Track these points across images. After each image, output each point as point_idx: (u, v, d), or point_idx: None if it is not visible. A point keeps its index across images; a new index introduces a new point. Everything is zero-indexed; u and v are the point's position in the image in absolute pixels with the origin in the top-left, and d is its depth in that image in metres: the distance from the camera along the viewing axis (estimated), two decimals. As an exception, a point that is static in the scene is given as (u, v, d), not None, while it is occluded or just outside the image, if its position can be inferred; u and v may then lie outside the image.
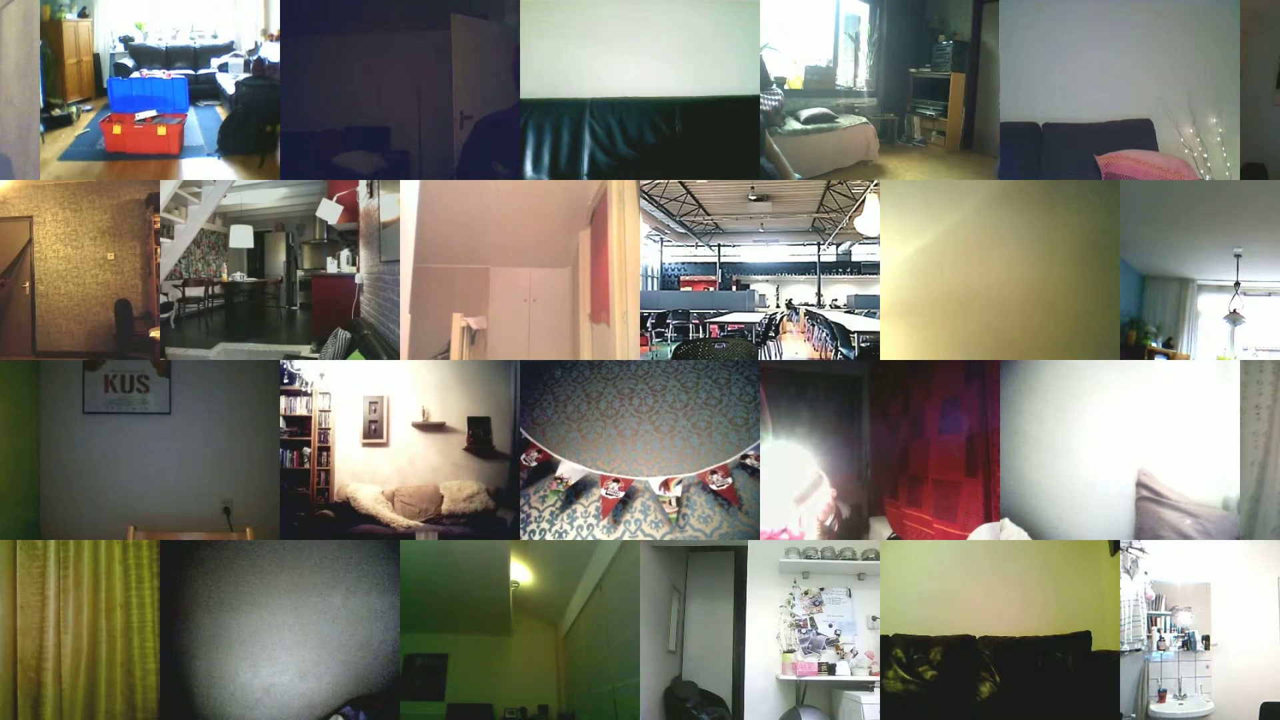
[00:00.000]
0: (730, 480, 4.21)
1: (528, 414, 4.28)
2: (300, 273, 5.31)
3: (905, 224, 4.24)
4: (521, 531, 4.18)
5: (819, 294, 5.74)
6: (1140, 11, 4.31)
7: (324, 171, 4.31)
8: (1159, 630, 4.10)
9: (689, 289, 5.91)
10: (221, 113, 4.60)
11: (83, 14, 4.70)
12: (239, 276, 5.30)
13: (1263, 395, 4.07)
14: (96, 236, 4.40)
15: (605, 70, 4.26)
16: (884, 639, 4.09)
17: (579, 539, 4.19)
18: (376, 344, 4.58)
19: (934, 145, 4.72)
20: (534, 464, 4.23)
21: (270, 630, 4.16)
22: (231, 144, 4.45)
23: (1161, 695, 4.07)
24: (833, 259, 5.75)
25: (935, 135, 4.73)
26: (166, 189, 4.44)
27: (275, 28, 4.46)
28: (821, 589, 4.26)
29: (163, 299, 4.48)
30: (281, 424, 4.47)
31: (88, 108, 4.65)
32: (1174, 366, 4.17)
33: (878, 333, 4.23)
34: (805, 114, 4.53)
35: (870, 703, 4.05)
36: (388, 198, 4.54)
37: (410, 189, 4.33)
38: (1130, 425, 4.08)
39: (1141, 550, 4.09)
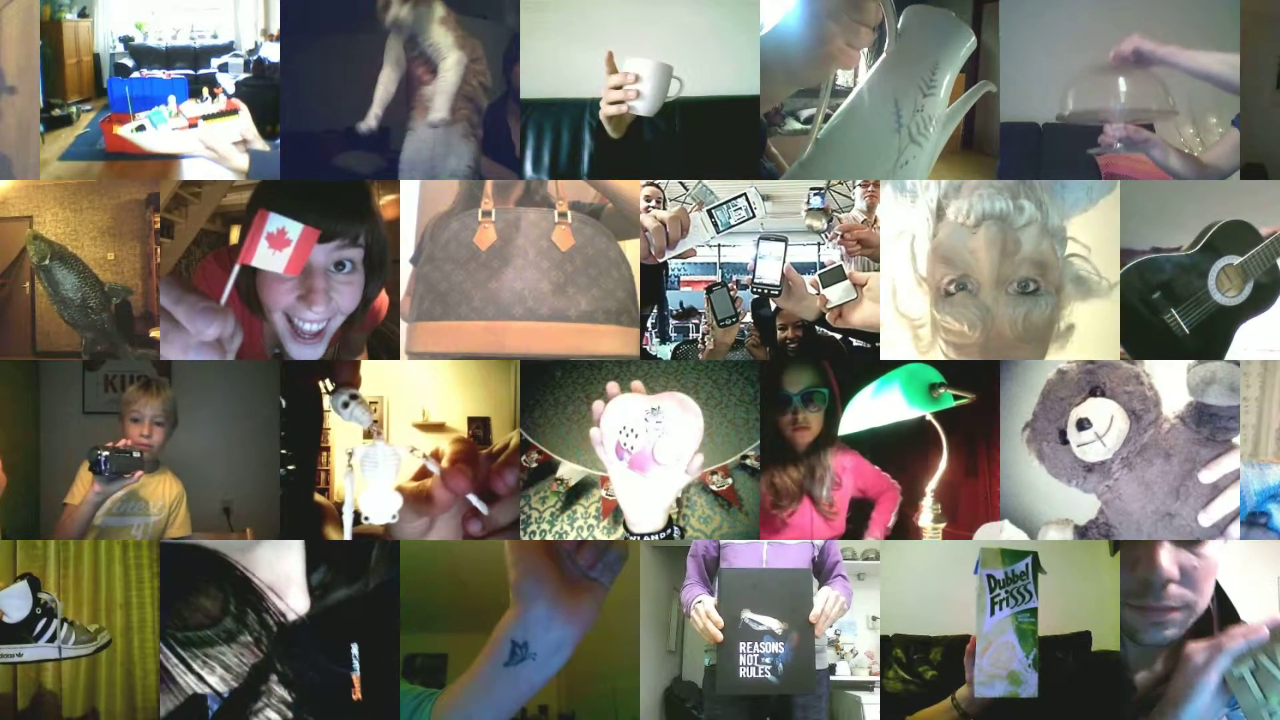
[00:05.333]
0: (730, 480, 4.21)
1: (528, 414, 4.28)
2: (300, 273, 5.29)
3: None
4: (521, 531, 4.17)
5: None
6: (1140, 12, 4.30)
7: (324, 171, 4.30)
8: (1159, 630, 4.10)
9: (689, 289, 5.90)
10: (221, 113, 4.60)
11: (83, 14, 4.69)
12: (239, 276, 5.28)
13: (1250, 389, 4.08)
14: (96, 236, 4.39)
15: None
16: (884, 639, 4.09)
17: (579, 539, 4.18)
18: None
19: (934, 145, 4.71)
20: (534, 465, 4.23)
21: (270, 630, 4.16)
22: (231, 144, 4.45)
23: (1161, 695, 4.07)
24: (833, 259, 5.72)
25: (935, 135, 4.72)
26: (166, 189, 4.44)
27: (275, 28, 4.45)
28: (821, 589, 4.26)
29: (163, 299, 4.46)
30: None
31: (88, 108, 4.64)
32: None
33: (878, 333, 4.23)
34: (805, 114, 4.52)
35: (870, 703, 4.06)
36: (388, 198, 4.53)
37: (410, 189, 4.32)
38: (1130, 425, 4.07)
39: (1141, 550, 4.09)
